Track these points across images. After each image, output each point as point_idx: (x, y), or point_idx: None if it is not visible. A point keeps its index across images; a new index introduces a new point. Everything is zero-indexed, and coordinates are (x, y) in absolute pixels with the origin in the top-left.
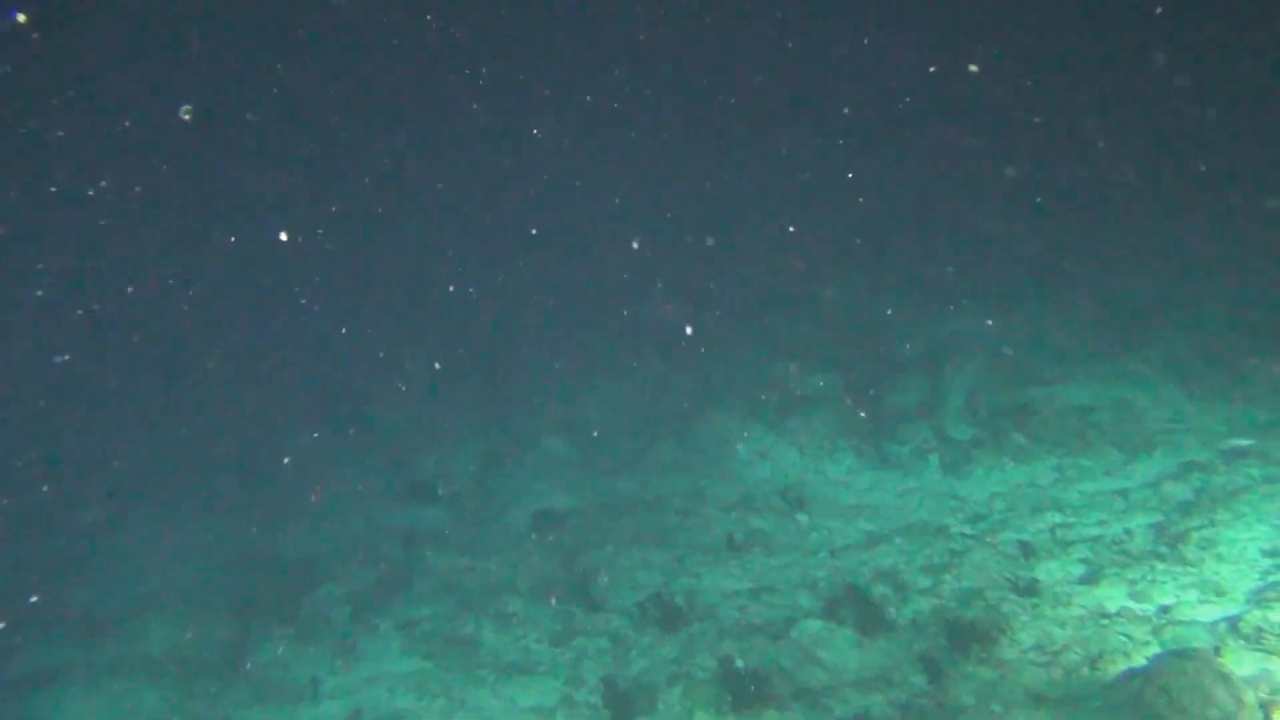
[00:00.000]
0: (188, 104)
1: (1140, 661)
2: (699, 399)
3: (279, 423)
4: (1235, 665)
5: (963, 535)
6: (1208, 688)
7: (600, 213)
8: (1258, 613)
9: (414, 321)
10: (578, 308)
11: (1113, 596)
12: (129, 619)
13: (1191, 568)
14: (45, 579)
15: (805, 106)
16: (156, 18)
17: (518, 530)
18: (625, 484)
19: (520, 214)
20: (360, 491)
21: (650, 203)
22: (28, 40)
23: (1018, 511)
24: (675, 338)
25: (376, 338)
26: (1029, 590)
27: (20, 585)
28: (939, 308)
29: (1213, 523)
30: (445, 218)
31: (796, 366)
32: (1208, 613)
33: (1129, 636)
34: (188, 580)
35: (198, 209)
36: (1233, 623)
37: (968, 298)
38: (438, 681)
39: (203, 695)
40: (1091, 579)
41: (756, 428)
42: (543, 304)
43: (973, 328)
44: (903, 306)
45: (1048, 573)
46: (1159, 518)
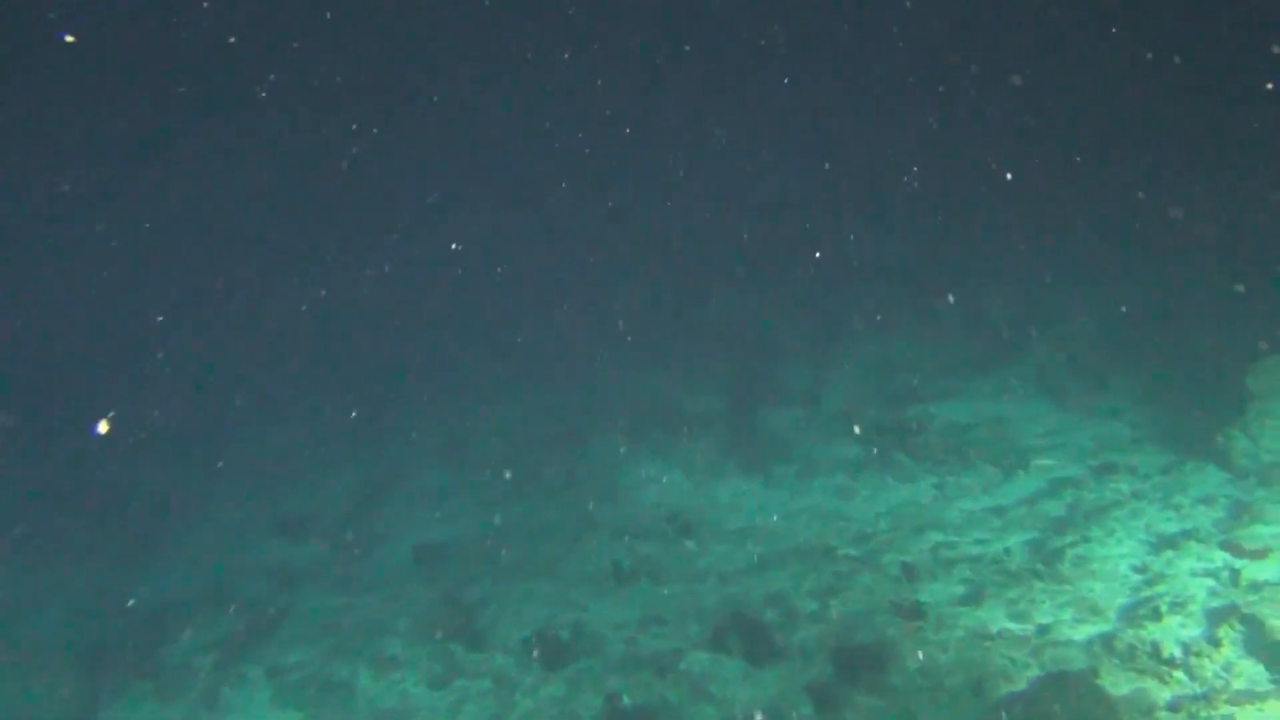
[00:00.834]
0: None
1: (1021, 685)
2: (585, 422)
3: (136, 454)
4: (1111, 685)
5: (849, 558)
6: (1085, 711)
7: (481, 225)
8: (1130, 631)
9: (284, 346)
10: (457, 328)
11: (994, 617)
12: None
13: (1067, 585)
14: None
15: (679, 121)
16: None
17: (397, 564)
18: (509, 512)
19: (397, 226)
20: (227, 527)
21: (533, 219)
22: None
23: (902, 531)
24: (559, 358)
25: (244, 362)
26: (913, 613)
27: None
28: (821, 326)
29: (1085, 539)
30: (314, 230)
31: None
32: (1083, 631)
33: (1010, 658)
34: (25, 631)
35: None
36: (1107, 641)
37: (849, 315)
38: None
39: None
40: (973, 599)
41: (644, 450)
42: (421, 324)
43: (854, 346)
44: (786, 325)
45: (931, 594)
46: (1035, 535)
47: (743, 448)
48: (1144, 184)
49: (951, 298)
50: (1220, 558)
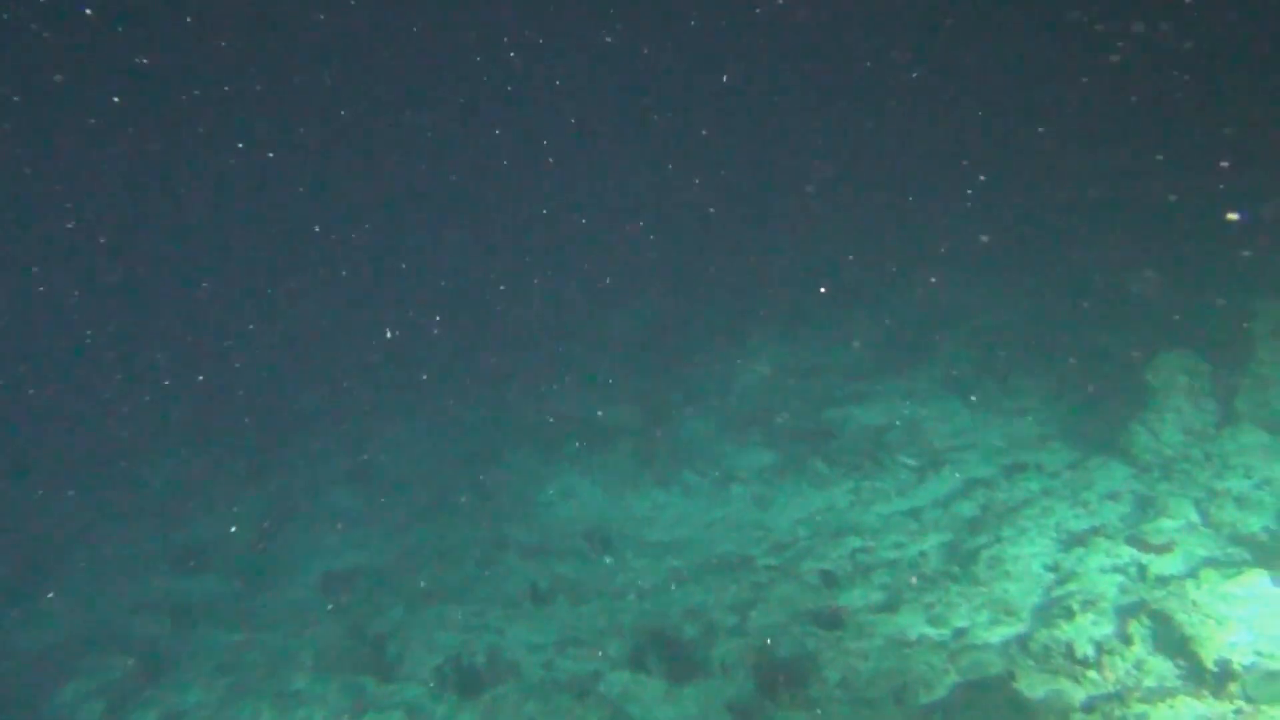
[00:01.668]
0: None
1: (941, 693)
2: (497, 437)
3: (13, 483)
4: (1028, 688)
5: (768, 567)
6: (1003, 718)
7: (382, 239)
8: (1044, 631)
9: (179, 367)
10: (361, 345)
11: (912, 623)
12: None
13: (982, 587)
14: None
15: (588, 135)
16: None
17: (302, 595)
18: (420, 535)
19: (296, 244)
20: (117, 562)
21: (436, 230)
22: None
23: (820, 538)
24: (469, 372)
25: (136, 385)
26: (833, 623)
27: None
28: (732, 331)
29: (999, 539)
30: (210, 249)
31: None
32: (999, 633)
33: (929, 665)
34: None
35: None
36: (1023, 642)
37: (759, 320)
38: None
39: None
40: (891, 605)
41: (559, 465)
42: (323, 342)
43: (767, 349)
44: (696, 331)
45: (850, 601)
46: (950, 537)
47: (659, 458)
48: (1045, 183)
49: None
50: (1128, 553)
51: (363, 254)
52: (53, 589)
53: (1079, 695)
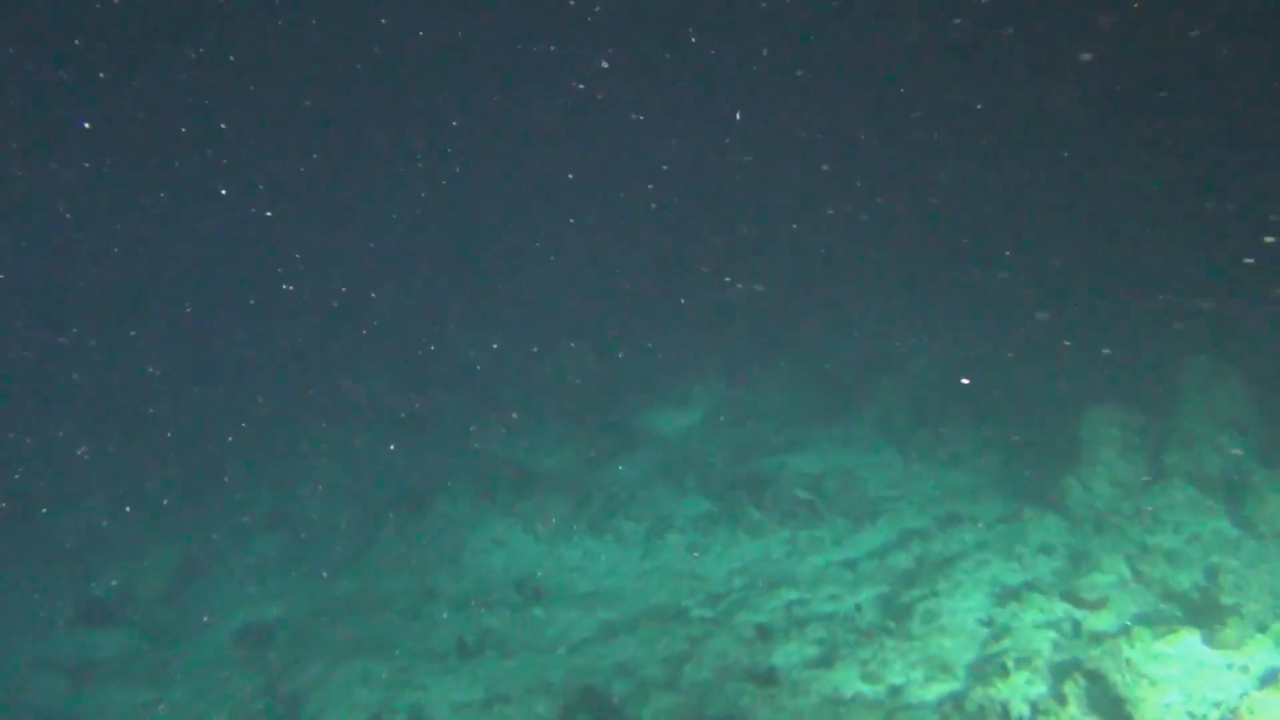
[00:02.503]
0: None
1: None
2: (426, 482)
3: None
4: None
5: (702, 620)
6: None
7: (307, 275)
8: (979, 689)
9: (87, 408)
10: (281, 383)
11: (847, 679)
12: None
13: (917, 642)
14: None
15: (520, 177)
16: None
17: (217, 649)
18: (344, 585)
19: (213, 277)
20: (17, 617)
21: (363, 265)
22: None
23: (755, 589)
24: (398, 414)
25: (42, 430)
26: (767, 679)
27: None
28: (667, 377)
29: (934, 593)
30: (122, 285)
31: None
32: (934, 690)
33: None
34: None
35: None
36: (958, 701)
37: (694, 367)
38: None
39: None
40: (827, 661)
41: (488, 511)
42: (241, 379)
43: (702, 396)
44: (631, 375)
45: (785, 656)
46: (885, 589)
47: (593, 504)
48: (978, 235)
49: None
50: (1061, 609)
51: (283, 291)
52: None
53: None
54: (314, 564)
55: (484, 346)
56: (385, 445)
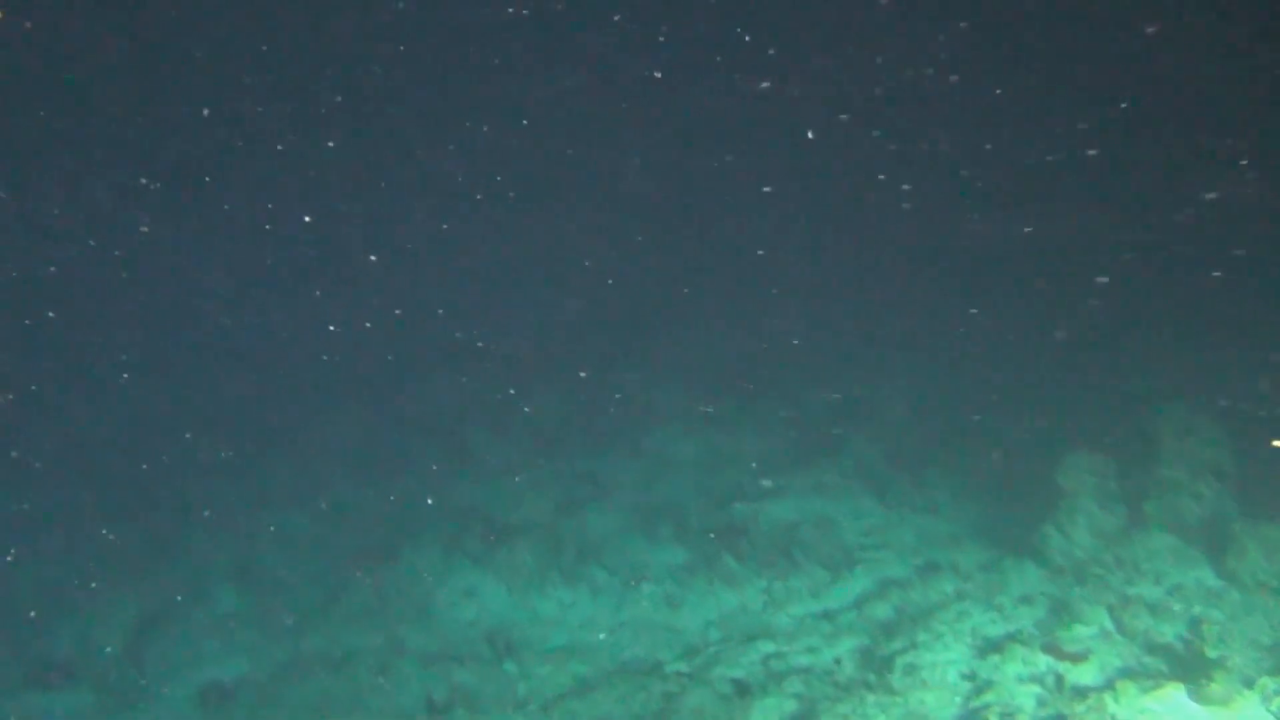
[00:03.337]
0: None
1: None
2: (395, 532)
3: None
4: None
5: (678, 674)
6: None
7: (270, 314)
8: None
9: (41, 456)
10: (247, 427)
11: None
12: None
13: (898, 697)
14: None
15: (489, 212)
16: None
17: (177, 710)
18: (310, 641)
19: (176, 315)
20: None
21: (326, 303)
22: None
23: (731, 642)
24: (364, 460)
25: None
26: None
27: None
28: (642, 422)
29: (914, 645)
30: (81, 327)
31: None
32: None
33: None
34: None
35: None
36: None
37: (668, 411)
38: None
39: None
40: (805, 716)
41: (460, 562)
42: (201, 424)
43: (677, 443)
44: (605, 421)
45: (763, 713)
46: (865, 641)
47: (566, 554)
48: (953, 282)
49: None
50: (1044, 662)
51: (244, 330)
52: None
53: None
54: (279, 618)
55: (452, 392)
56: (352, 494)
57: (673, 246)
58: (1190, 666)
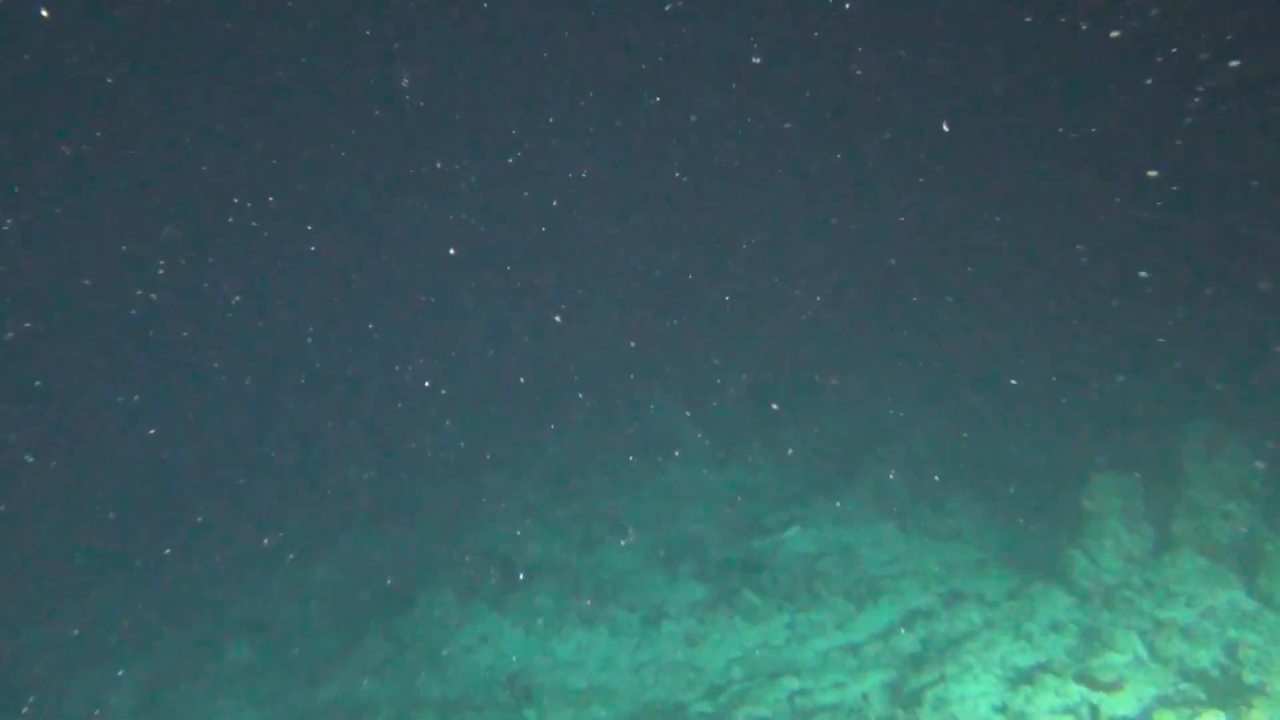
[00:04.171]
0: None
1: None
2: (410, 578)
3: None
4: None
5: (701, 715)
6: None
7: (279, 356)
8: None
9: (52, 513)
10: (253, 475)
11: None
12: None
13: None
14: None
15: (500, 241)
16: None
17: None
18: (325, 691)
19: (181, 355)
20: None
21: (338, 342)
22: None
23: (756, 680)
24: (379, 506)
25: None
26: None
27: None
28: (659, 458)
29: (943, 677)
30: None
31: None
32: None
33: None
34: None
35: None
36: None
37: (684, 446)
38: None
39: None
40: None
41: (477, 606)
42: (210, 470)
43: (694, 476)
44: (621, 458)
45: None
46: (892, 674)
47: (583, 594)
48: (972, 303)
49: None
50: (1077, 692)
51: (251, 373)
52: None
53: None
54: (294, 670)
55: (468, 429)
56: (366, 540)
57: (689, 277)
58: (1229, 693)
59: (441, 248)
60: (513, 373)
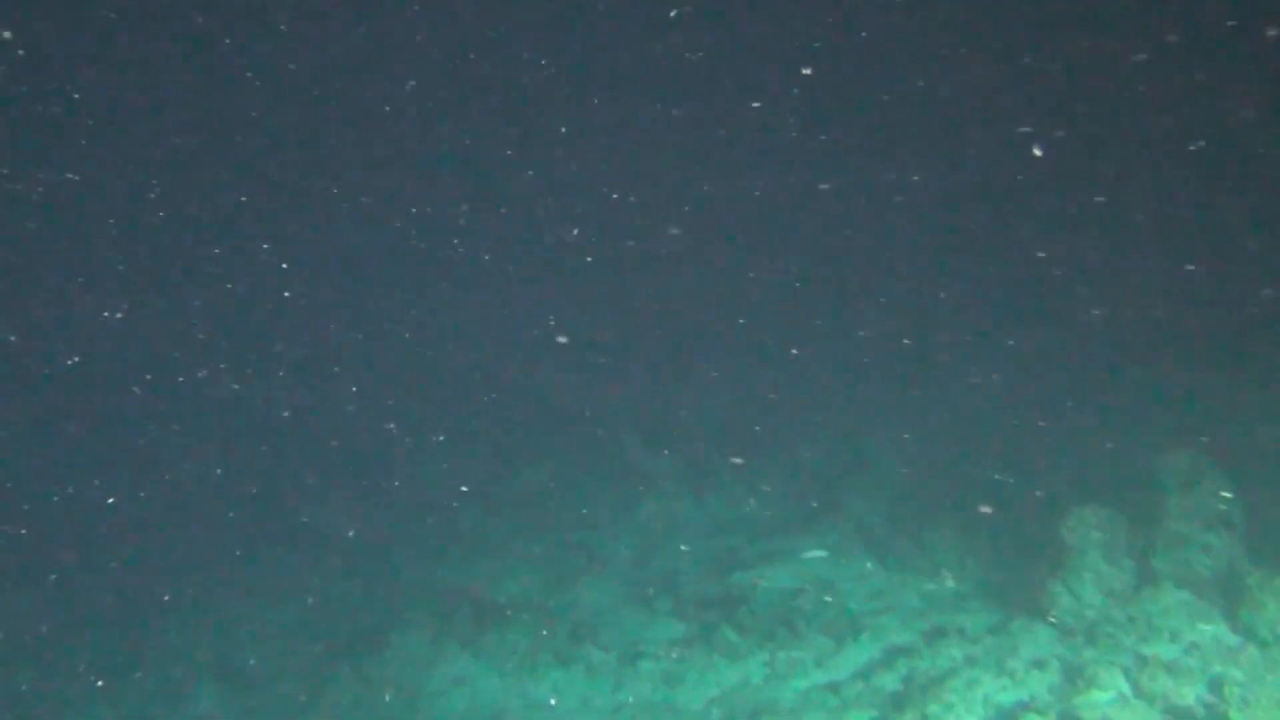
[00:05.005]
0: None
1: None
2: (381, 619)
3: None
4: None
5: None
6: None
7: (248, 390)
8: None
9: (16, 558)
10: (219, 515)
11: None
12: None
13: None
14: None
15: (477, 278)
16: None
17: None
18: None
19: (149, 395)
20: None
21: (308, 376)
22: None
23: None
24: (346, 546)
25: None
26: None
27: None
28: (636, 490)
29: (925, 717)
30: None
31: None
32: None
33: None
34: None
35: None
36: None
37: (662, 478)
38: None
39: None
40: None
41: (448, 646)
42: (174, 510)
43: (670, 510)
44: (594, 491)
45: None
46: (873, 714)
47: (559, 633)
48: (946, 337)
49: None
50: None
51: (221, 406)
52: None
53: None
54: (263, 717)
55: (440, 464)
56: (335, 580)
57: (663, 308)
58: None
59: (412, 286)
60: (486, 408)
